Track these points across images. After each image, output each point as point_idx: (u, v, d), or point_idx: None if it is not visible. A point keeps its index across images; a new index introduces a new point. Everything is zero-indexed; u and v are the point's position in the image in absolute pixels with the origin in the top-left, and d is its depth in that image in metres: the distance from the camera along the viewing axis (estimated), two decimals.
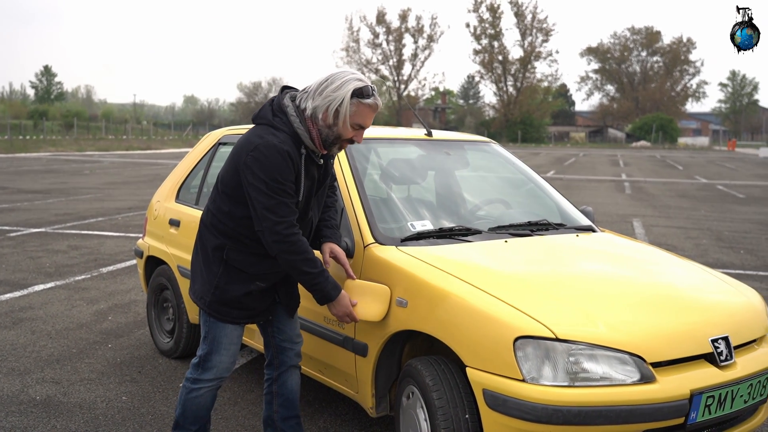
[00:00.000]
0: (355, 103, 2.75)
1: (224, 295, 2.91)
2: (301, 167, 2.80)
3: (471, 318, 2.71)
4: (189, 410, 3.03)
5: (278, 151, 2.70)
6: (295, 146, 2.77)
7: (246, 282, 2.92)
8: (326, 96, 2.75)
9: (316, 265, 2.81)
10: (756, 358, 2.88)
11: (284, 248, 2.74)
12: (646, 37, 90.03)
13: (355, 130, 2.81)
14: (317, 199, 3.02)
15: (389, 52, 78.13)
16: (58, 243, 8.96)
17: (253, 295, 2.95)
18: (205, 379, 2.99)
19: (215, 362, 2.98)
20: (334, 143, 2.84)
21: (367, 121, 2.82)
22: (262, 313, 3.06)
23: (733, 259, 8.66)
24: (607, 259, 3.49)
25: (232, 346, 3.00)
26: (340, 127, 2.78)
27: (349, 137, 2.82)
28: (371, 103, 2.78)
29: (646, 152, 53.69)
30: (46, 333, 5.22)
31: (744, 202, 16.32)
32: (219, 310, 2.93)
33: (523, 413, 2.49)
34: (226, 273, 2.91)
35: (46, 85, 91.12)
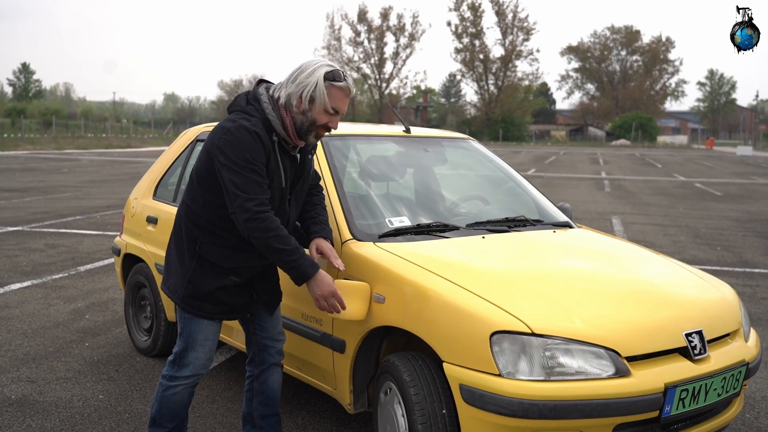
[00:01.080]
0: (328, 86, 2.76)
1: (197, 290, 2.88)
2: (274, 153, 2.78)
3: (448, 313, 2.72)
4: (165, 408, 3.00)
5: (249, 132, 2.71)
6: (267, 132, 2.77)
7: (219, 276, 2.88)
8: (299, 83, 2.76)
9: (290, 242, 2.74)
10: (729, 351, 2.91)
11: (255, 225, 2.68)
12: (626, 37, 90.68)
13: (330, 115, 2.80)
14: (295, 197, 3.00)
15: (371, 51, 78.19)
16: (36, 241, 8.88)
17: (227, 290, 2.92)
18: (182, 376, 2.97)
19: (191, 359, 2.96)
20: (309, 130, 2.81)
21: (340, 104, 2.80)
22: (239, 309, 3.03)
23: (710, 256, 8.75)
24: (583, 254, 3.51)
25: (207, 343, 2.97)
26: (315, 112, 2.77)
27: (324, 123, 2.80)
28: (343, 86, 2.78)
29: (626, 150, 54.11)
30: (22, 332, 5.17)
31: (721, 199, 16.50)
32: (192, 304, 2.90)
33: (500, 408, 2.51)
34: (200, 267, 2.88)
35: (24, 82, 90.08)
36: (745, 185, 21.29)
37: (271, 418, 3.22)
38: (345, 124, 4.36)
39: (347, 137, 3.94)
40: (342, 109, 2.82)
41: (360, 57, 78.52)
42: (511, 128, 74.00)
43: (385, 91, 78.50)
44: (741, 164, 35.03)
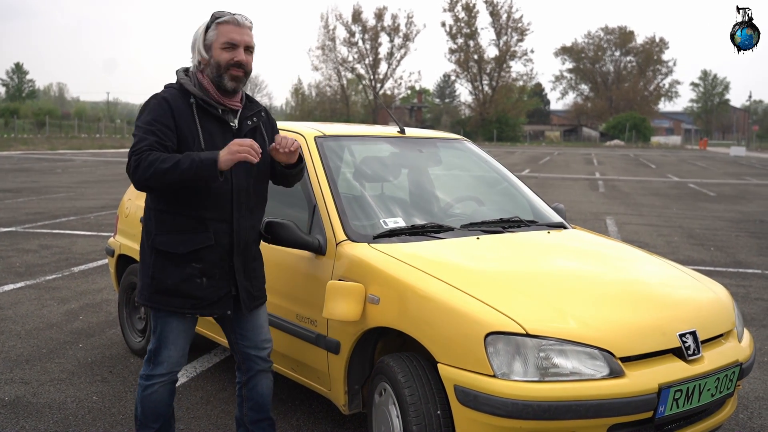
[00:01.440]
0: (214, 27, 2.79)
1: (161, 284, 2.80)
2: (191, 115, 2.76)
3: (442, 314, 2.72)
4: (147, 408, 2.96)
5: (155, 99, 2.78)
6: (183, 96, 2.79)
7: (180, 265, 2.78)
8: (194, 43, 2.84)
9: (177, 157, 2.61)
10: (723, 352, 2.92)
11: (141, 167, 2.60)
12: (620, 37, 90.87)
13: (227, 49, 2.77)
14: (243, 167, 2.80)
15: (365, 51, 78.15)
16: (29, 242, 8.85)
17: (193, 282, 2.79)
18: (158, 374, 2.92)
19: (164, 357, 2.90)
20: (221, 76, 2.78)
21: (233, 35, 2.77)
22: (214, 304, 2.86)
23: (704, 256, 8.78)
24: (578, 255, 3.52)
25: (179, 340, 2.91)
26: (214, 55, 2.78)
27: (227, 60, 2.77)
28: (228, 19, 2.79)
29: (620, 151, 54.24)
30: (16, 333, 5.15)
31: (715, 200, 16.55)
32: (158, 300, 2.82)
33: (494, 408, 2.51)
34: (158, 260, 2.81)
35: (17, 82, 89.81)
36: (738, 186, 21.36)
37: (264, 422, 3.17)
38: (339, 125, 4.37)
39: (341, 138, 3.94)
40: (237, 40, 2.77)
41: (354, 57, 78.54)
42: (506, 129, 74.11)
43: (379, 91, 78.48)
44: (734, 164, 35.15)
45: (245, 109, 2.92)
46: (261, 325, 3.07)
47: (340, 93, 78.67)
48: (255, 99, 3.03)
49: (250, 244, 2.94)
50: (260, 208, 3.00)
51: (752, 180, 24.14)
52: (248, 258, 2.95)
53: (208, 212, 2.78)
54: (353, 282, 3.03)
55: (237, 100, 2.89)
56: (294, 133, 3.82)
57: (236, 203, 2.83)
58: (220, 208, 2.80)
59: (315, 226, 3.38)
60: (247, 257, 2.94)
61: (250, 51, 2.83)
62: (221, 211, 2.81)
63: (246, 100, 2.96)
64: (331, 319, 3.09)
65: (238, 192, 2.83)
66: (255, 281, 3.00)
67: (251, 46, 2.83)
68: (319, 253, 3.28)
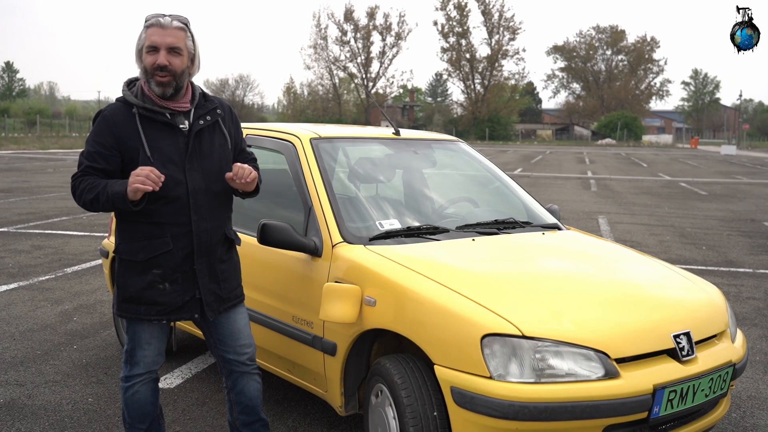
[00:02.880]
0: (142, 31, 2.78)
1: (126, 292, 2.83)
2: (133, 125, 2.76)
3: (438, 316, 2.73)
4: (132, 409, 2.96)
5: (97, 117, 2.83)
6: (126, 108, 2.80)
7: (142, 272, 2.79)
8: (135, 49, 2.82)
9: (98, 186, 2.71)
10: (716, 352, 2.95)
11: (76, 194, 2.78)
12: (611, 36, 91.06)
13: (150, 53, 2.75)
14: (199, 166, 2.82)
15: (357, 50, 78.02)
16: (21, 243, 8.82)
17: (156, 288, 2.80)
18: (136, 374, 2.92)
19: (140, 357, 2.91)
20: (149, 82, 2.78)
21: (154, 38, 2.74)
22: (180, 309, 2.85)
23: (696, 255, 8.83)
24: (573, 257, 3.54)
25: (153, 341, 2.91)
26: (143, 59, 2.77)
27: (150, 63, 2.75)
28: (153, 21, 2.76)
29: (612, 150, 54.40)
30: (10, 335, 5.14)
31: (706, 198, 16.63)
32: (126, 308, 2.84)
33: (491, 410, 2.53)
34: (122, 268, 2.84)
35: (7, 81, 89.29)
36: (729, 184, 21.46)
37: (256, 424, 3.16)
38: (334, 127, 4.38)
39: (337, 140, 3.95)
40: (158, 42, 2.74)
41: (346, 56, 78.36)
42: (498, 127, 74.17)
43: (371, 90, 78.43)
44: (725, 163, 35.31)
45: (198, 109, 2.89)
46: (240, 330, 3.04)
47: (332, 92, 78.54)
48: (212, 97, 3.00)
49: (213, 246, 2.89)
50: (223, 208, 2.96)
51: (743, 179, 24.26)
52: (213, 260, 2.90)
53: (165, 217, 2.78)
54: (349, 284, 3.04)
55: (185, 101, 2.86)
56: (289, 134, 3.83)
57: (194, 206, 2.82)
58: (177, 213, 2.79)
59: (311, 228, 3.39)
60: (211, 260, 2.89)
61: (177, 52, 2.75)
62: (178, 215, 2.79)
63: (201, 98, 2.92)
64: (328, 321, 3.09)
65: (194, 194, 2.82)
66: (224, 283, 2.95)
67: (176, 47, 2.75)
68: (315, 255, 3.29)
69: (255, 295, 3.63)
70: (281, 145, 3.83)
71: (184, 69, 2.79)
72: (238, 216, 3.91)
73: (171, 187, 2.76)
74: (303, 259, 3.35)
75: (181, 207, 2.79)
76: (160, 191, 2.71)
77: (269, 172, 4.22)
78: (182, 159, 2.81)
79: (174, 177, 2.77)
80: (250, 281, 3.66)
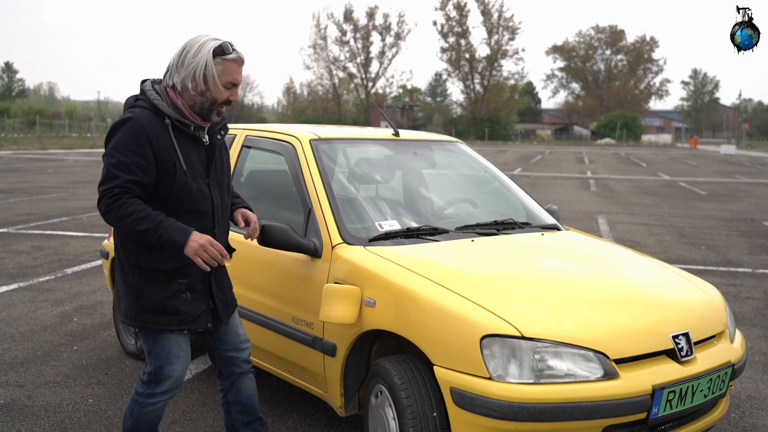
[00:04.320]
0: (220, 62, 2.71)
1: (148, 303, 2.76)
2: (167, 136, 2.71)
3: (438, 317, 2.74)
4: (143, 423, 2.93)
5: (125, 122, 2.67)
6: (157, 117, 2.72)
7: (167, 282, 2.76)
8: (188, 65, 2.71)
9: (152, 220, 2.59)
10: (715, 353, 2.95)
11: (113, 215, 2.61)
12: (611, 36, 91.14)
13: (228, 89, 2.77)
14: (216, 180, 2.88)
15: (357, 50, 78.06)
16: (21, 243, 8.82)
17: (181, 298, 2.79)
18: (160, 392, 2.87)
19: (168, 373, 2.85)
20: (211, 109, 2.77)
21: (236, 76, 2.76)
22: (198, 319, 2.85)
23: (695, 255, 8.83)
24: (572, 257, 3.55)
25: (182, 353, 2.87)
26: (213, 90, 2.73)
27: (225, 98, 2.77)
28: (235, 57, 2.74)
29: (611, 149, 54.42)
30: (10, 336, 5.14)
31: (705, 198, 16.64)
32: (146, 320, 2.77)
33: (490, 411, 2.53)
34: (143, 279, 2.76)
35: (7, 81, 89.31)
36: (728, 184, 21.48)
37: (255, 423, 3.17)
38: (333, 128, 4.38)
39: (336, 141, 3.96)
40: (238, 80, 2.78)
41: (346, 56, 78.40)
42: (497, 127, 74.21)
43: (371, 90, 78.44)
44: (725, 163, 35.32)
45: (214, 124, 2.90)
46: (237, 326, 3.09)
47: (332, 92, 78.56)
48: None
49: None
50: (229, 219, 3.05)
51: (742, 178, 24.27)
52: (220, 269, 2.97)
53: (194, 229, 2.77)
54: (349, 285, 3.05)
55: None
56: (289, 135, 3.84)
57: (217, 219, 2.88)
58: (204, 225, 2.82)
59: (310, 229, 3.39)
60: (219, 269, 2.96)
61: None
62: (203, 228, 2.80)
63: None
64: (328, 321, 3.10)
65: (217, 208, 2.88)
66: (225, 289, 3.01)
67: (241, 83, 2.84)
68: (314, 256, 3.30)
69: (255, 296, 3.63)
70: (281, 146, 3.84)
71: None
72: None
73: (201, 201, 2.79)
74: (303, 260, 3.36)
75: (208, 220, 2.84)
76: (191, 204, 2.75)
77: (269, 173, 4.24)
78: (206, 173, 2.84)
79: (203, 191, 2.81)
80: (250, 282, 3.68)
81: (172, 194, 2.71)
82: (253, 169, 4.22)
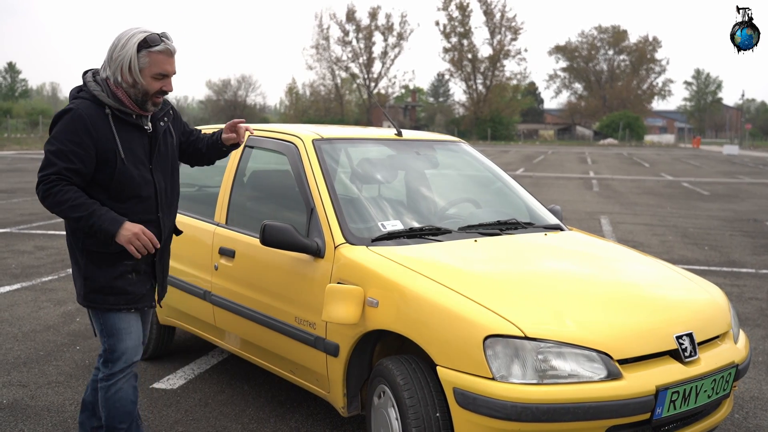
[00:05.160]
0: (145, 54, 2.75)
1: (95, 284, 2.85)
2: (109, 127, 2.77)
3: (441, 317, 2.74)
4: (114, 409, 2.96)
5: (66, 112, 2.77)
6: (98, 107, 2.78)
7: (113, 263, 2.84)
8: (116, 59, 2.77)
9: (86, 209, 2.70)
10: (719, 353, 2.95)
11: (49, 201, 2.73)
12: (613, 36, 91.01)
13: (158, 80, 2.79)
14: (160, 166, 2.95)
15: (359, 50, 78.05)
16: (24, 243, 8.83)
17: (126, 278, 2.87)
18: (117, 371, 2.93)
19: (121, 350, 2.91)
20: (145, 100, 2.81)
21: (165, 67, 2.79)
22: (143, 298, 2.95)
23: (698, 256, 8.82)
24: (575, 257, 3.54)
25: (132, 329, 2.94)
26: (142, 82, 2.77)
27: (156, 89, 2.79)
28: (162, 49, 2.77)
29: (614, 150, 54.38)
30: (12, 335, 5.15)
31: (708, 198, 16.62)
32: (94, 299, 2.86)
33: (493, 411, 2.53)
34: (91, 261, 2.85)
35: (10, 82, 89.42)
36: (731, 184, 21.45)
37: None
38: (336, 128, 4.38)
39: (339, 141, 3.95)
40: (168, 71, 2.80)
41: (348, 56, 78.39)
42: (500, 127, 74.16)
43: (373, 90, 78.44)
44: (727, 163, 35.27)
45: (157, 111, 2.95)
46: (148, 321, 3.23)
47: (334, 92, 78.55)
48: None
49: (168, 241, 3.08)
50: (176, 203, 3.14)
51: (745, 179, 24.24)
52: (165, 253, 3.10)
53: (138, 215, 2.87)
54: (352, 285, 3.05)
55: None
56: (291, 135, 3.84)
57: (161, 204, 2.96)
58: (148, 210, 2.92)
59: (313, 229, 3.39)
60: (164, 253, 3.08)
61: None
62: (149, 213, 2.92)
63: None
64: (330, 321, 3.10)
65: (160, 193, 2.96)
66: (166, 273, 3.15)
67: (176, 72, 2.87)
68: (317, 256, 3.29)
69: (257, 295, 3.63)
70: (283, 146, 3.83)
71: None
72: (240, 217, 3.93)
73: (143, 186, 2.88)
74: (305, 260, 3.35)
75: (151, 205, 2.93)
76: (133, 191, 2.84)
77: (271, 173, 4.23)
78: (148, 159, 2.91)
79: (144, 177, 2.89)
80: (252, 282, 3.68)
81: (114, 181, 2.79)
82: (255, 169, 4.22)
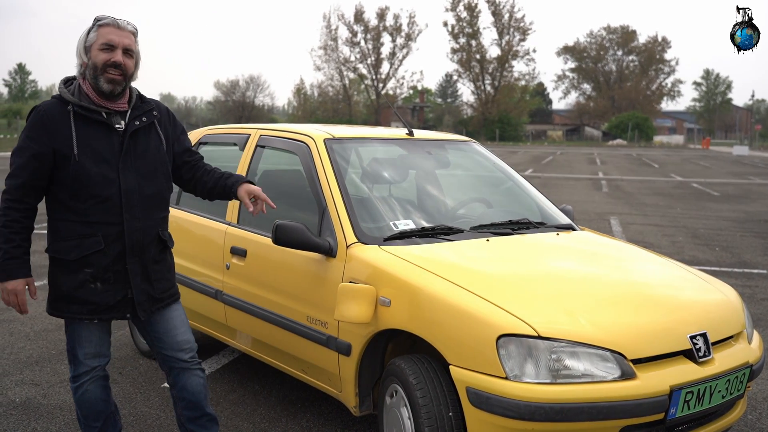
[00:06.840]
0: (95, 30, 2.79)
1: (57, 291, 2.85)
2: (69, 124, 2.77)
3: (454, 316, 2.73)
4: (84, 408, 2.97)
5: (31, 113, 2.81)
6: (61, 105, 2.79)
7: (73, 272, 2.80)
8: (78, 49, 2.83)
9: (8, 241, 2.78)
10: (733, 354, 2.93)
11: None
12: (622, 37, 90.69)
13: (105, 50, 2.78)
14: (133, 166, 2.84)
15: (367, 51, 78.04)
16: (35, 243, 8.75)
17: (87, 287, 2.81)
18: (81, 373, 2.92)
19: (81, 356, 2.91)
20: (98, 78, 2.78)
21: (111, 37, 2.78)
22: (111, 309, 2.85)
23: (709, 256, 8.78)
24: (588, 257, 3.53)
25: (92, 338, 2.90)
26: (92, 56, 2.77)
27: (104, 60, 2.77)
28: (109, 21, 2.80)
29: (623, 150, 54.19)
30: (25, 334, 5.17)
31: (718, 199, 16.54)
32: (57, 306, 2.86)
33: (506, 410, 2.52)
34: (53, 267, 2.86)
35: (20, 83, 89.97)
36: (742, 185, 21.34)
37: (201, 419, 3.12)
38: (347, 127, 4.38)
39: (350, 140, 3.96)
40: (116, 41, 2.78)
41: (356, 57, 78.37)
42: (508, 128, 74.01)
43: (381, 91, 78.43)
44: (737, 164, 35.10)
45: (135, 110, 2.90)
46: (176, 327, 3.03)
47: (343, 93, 78.57)
48: (149, 99, 3.02)
49: (146, 247, 2.88)
50: (158, 208, 2.95)
51: (756, 179, 24.12)
52: (146, 260, 2.90)
53: (97, 216, 2.78)
54: (364, 284, 3.05)
55: (123, 102, 2.87)
56: (303, 135, 3.84)
57: (126, 206, 2.81)
58: (109, 212, 2.79)
59: (325, 229, 3.39)
60: (144, 260, 2.89)
61: (130, 54, 2.82)
62: (110, 215, 2.79)
63: (138, 100, 2.95)
64: (342, 321, 3.10)
65: (126, 194, 2.81)
66: (157, 284, 2.95)
67: (131, 49, 2.82)
68: (329, 255, 3.30)
69: (269, 295, 3.64)
70: (295, 145, 3.84)
71: (134, 71, 2.86)
72: (251, 217, 3.93)
73: (103, 186, 2.78)
74: (317, 259, 3.36)
75: (113, 206, 2.79)
76: (91, 190, 2.76)
77: (283, 173, 4.24)
78: (116, 158, 2.82)
79: (106, 176, 2.78)
80: (263, 281, 3.68)
81: (70, 178, 2.75)
82: (266, 169, 4.22)
